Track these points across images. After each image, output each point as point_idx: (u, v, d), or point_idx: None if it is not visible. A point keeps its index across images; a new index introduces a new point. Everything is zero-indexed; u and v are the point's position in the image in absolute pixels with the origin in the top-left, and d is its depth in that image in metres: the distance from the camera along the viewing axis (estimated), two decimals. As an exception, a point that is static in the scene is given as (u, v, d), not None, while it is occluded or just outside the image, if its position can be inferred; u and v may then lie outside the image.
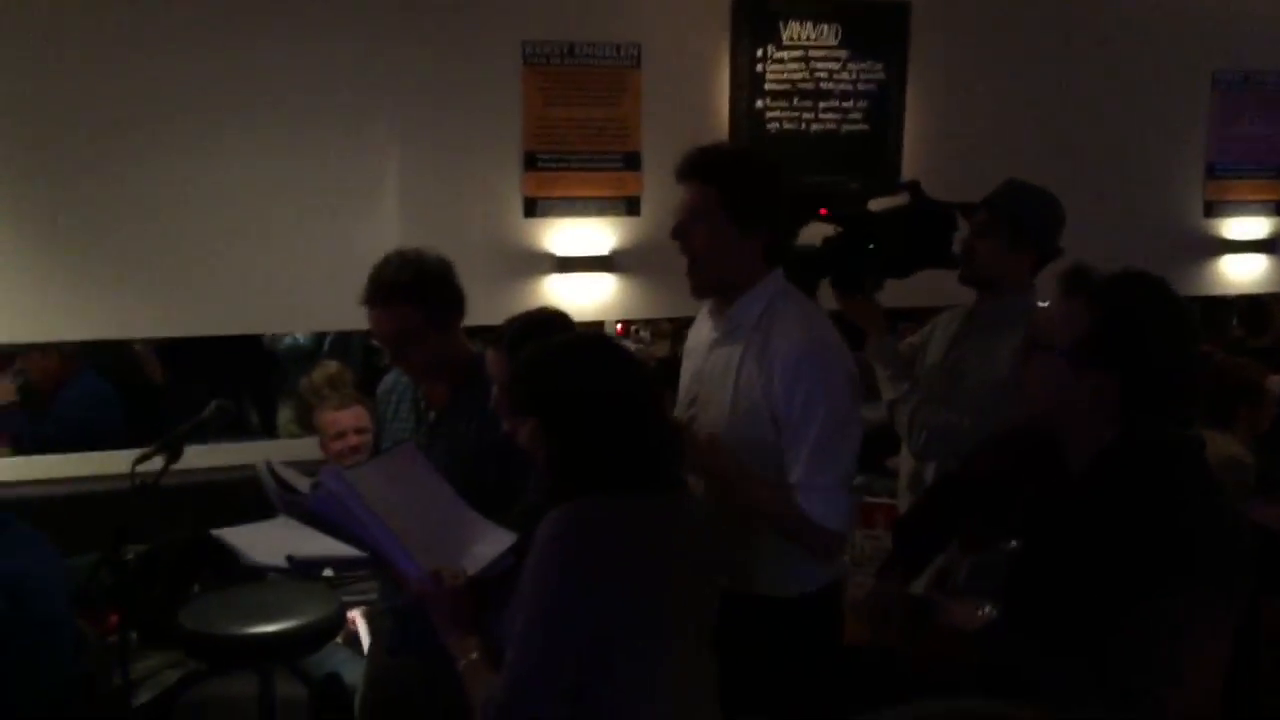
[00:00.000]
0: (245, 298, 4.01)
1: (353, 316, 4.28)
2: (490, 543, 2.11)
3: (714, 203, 2.29)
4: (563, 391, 1.88)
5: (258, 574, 3.61)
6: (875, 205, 2.83)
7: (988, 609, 1.68)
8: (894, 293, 2.87)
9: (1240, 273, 5.14)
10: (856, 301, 2.78)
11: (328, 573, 3.63)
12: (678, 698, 1.85)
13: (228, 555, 2.67)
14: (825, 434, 2.18)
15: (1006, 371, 2.68)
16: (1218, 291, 5.22)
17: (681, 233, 2.33)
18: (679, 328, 6.59)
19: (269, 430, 5.46)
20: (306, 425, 5.22)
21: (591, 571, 1.76)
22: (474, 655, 1.90)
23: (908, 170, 4.51)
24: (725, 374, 2.30)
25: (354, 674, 3.44)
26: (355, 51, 3.98)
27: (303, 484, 2.24)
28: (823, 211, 2.71)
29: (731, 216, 2.28)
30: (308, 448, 4.23)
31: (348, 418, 3.79)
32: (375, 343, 2.59)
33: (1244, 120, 5.04)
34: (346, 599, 3.39)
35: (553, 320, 2.40)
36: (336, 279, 4.04)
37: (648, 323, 5.97)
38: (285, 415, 5.59)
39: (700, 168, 2.33)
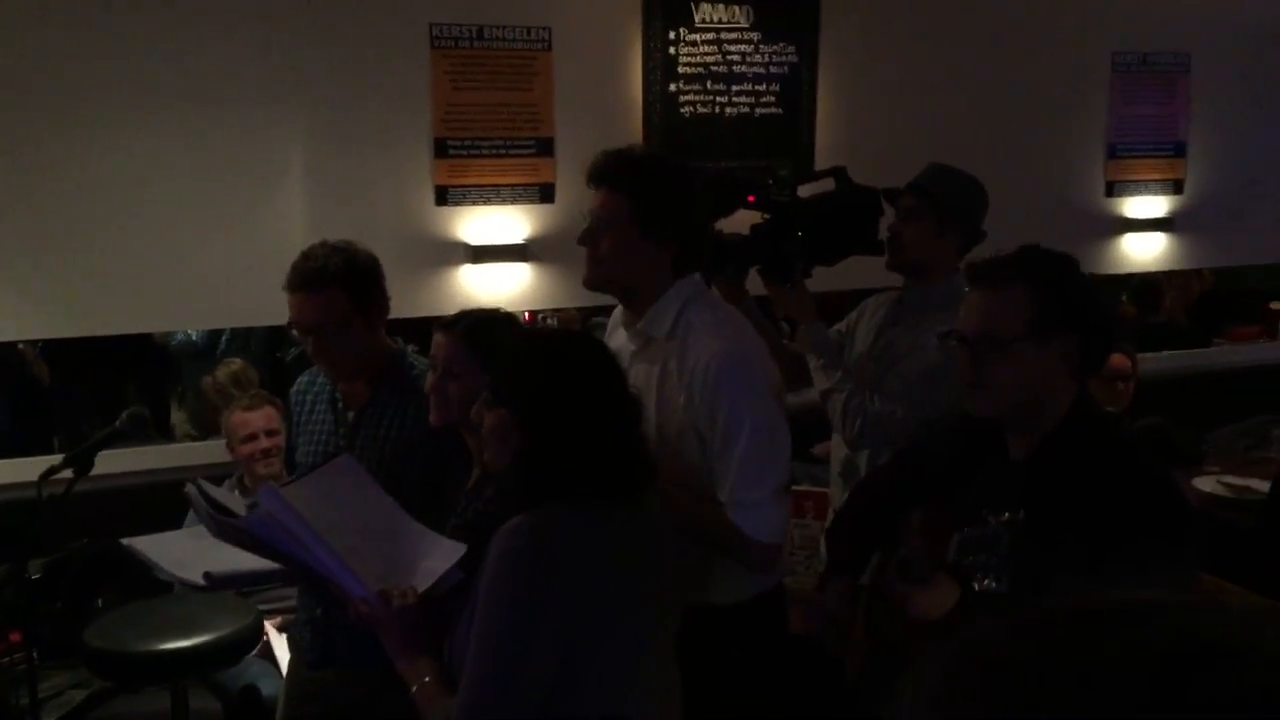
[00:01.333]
0: (140, 295, 3.82)
1: (254, 312, 4.19)
2: (438, 557, 2.02)
3: (623, 212, 2.21)
4: (549, 385, 1.79)
5: (165, 585, 3.49)
6: (802, 192, 2.80)
7: (988, 582, 1.67)
8: (821, 279, 2.85)
9: (1140, 251, 5.26)
10: (786, 289, 2.74)
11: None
12: (646, 716, 1.79)
13: (132, 567, 2.55)
14: (752, 448, 2.14)
15: (937, 358, 2.68)
16: (1119, 270, 5.33)
17: (588, 239, 2.26)
18: (587, 316, 6.53)
19: (163, 432, 5.26)
20: (204, 426, 5.05)
21: (556, 588, 1.68)
22: (427, 679, 1.80)
23: (820, 153, 4.50)
24: (646, 392, 2.22)
25: (273, 686, 3.31)
26: (257, 35, 3.81)
27: (235, 503, 2.13)
28: (750, 199, 2.66)
29: (640, 228, 2.21)
30: (210, 451, 4.07)
31: (259, 419, 3.64)
32: (294, 332, 2.46)
33: (1141, 101, 5.13)
34: (263, 608, 3.26)
35: (509, 320, 2.33)
36: (237, 273, 3.90)
37: (555, 311, 5.88)
38: (180, 416, 5.39)
39: (610, 174, 2.26)
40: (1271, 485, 3.47)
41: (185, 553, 2.20)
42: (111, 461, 3.66)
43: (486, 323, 2.31)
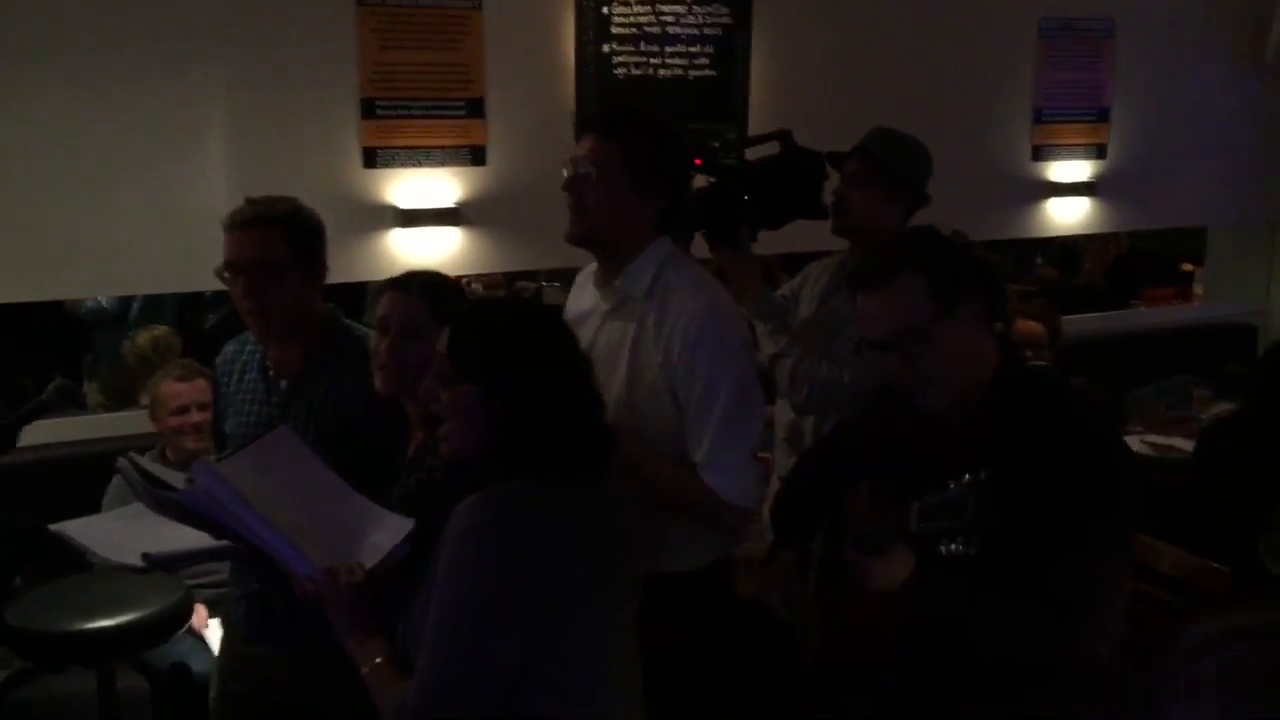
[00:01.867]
0: (51, 260, 3.66)
1: (172, 278, 4.04)
2: (385, 531, 1.95)
3: (616, 160, 2.17)
4: (519, 359, 1.72)
5: (87, 564, 3.37)
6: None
7: (954, 547, 1.66)
8: (765, 242, 2.82)
9: (1064, 215, 5.32)
10: (732, 254, 2.71)
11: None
12: (612, 695, 1.75)
13: (54, 545, 2.44)
14: (730, 409, 2.12)
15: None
16: (1044, 233, 5.40)
17: (576, 186, 2.20)
18: (511, 280, 6.44)
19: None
20: (117, 397, 4.87)
21: (522, 568, 1.62)
22: (378, 660, 1.73)
23: (754, 117, 4.47)
24: (618, 351, 2.20)
25: (203, 664, 3.22)
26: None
27: (173, 478, 2.04)
28: (697, 162, 2.62)
29: (632, 178, 2.18)
30: (127, 422, 3.93)
31: (190, 391, 3.51)
32: (224, 275, 2.35)
33: (1067, 66, 5.18)
34: (191, 583, 3.16)
35: (457, 285, 2.25)
36: (155, 238, 3.76)
37: (479, 276, 5.78)
38: (92, 387, 5.20)
39: (606, 123, 2.23)
40: (1196, 444, 3.54)
41: (117, 534, 2.11)
42: (26, 434, 3.54)
43: (442, 283, 2.24)
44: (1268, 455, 3.05)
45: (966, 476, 1.67)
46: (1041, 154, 5.22)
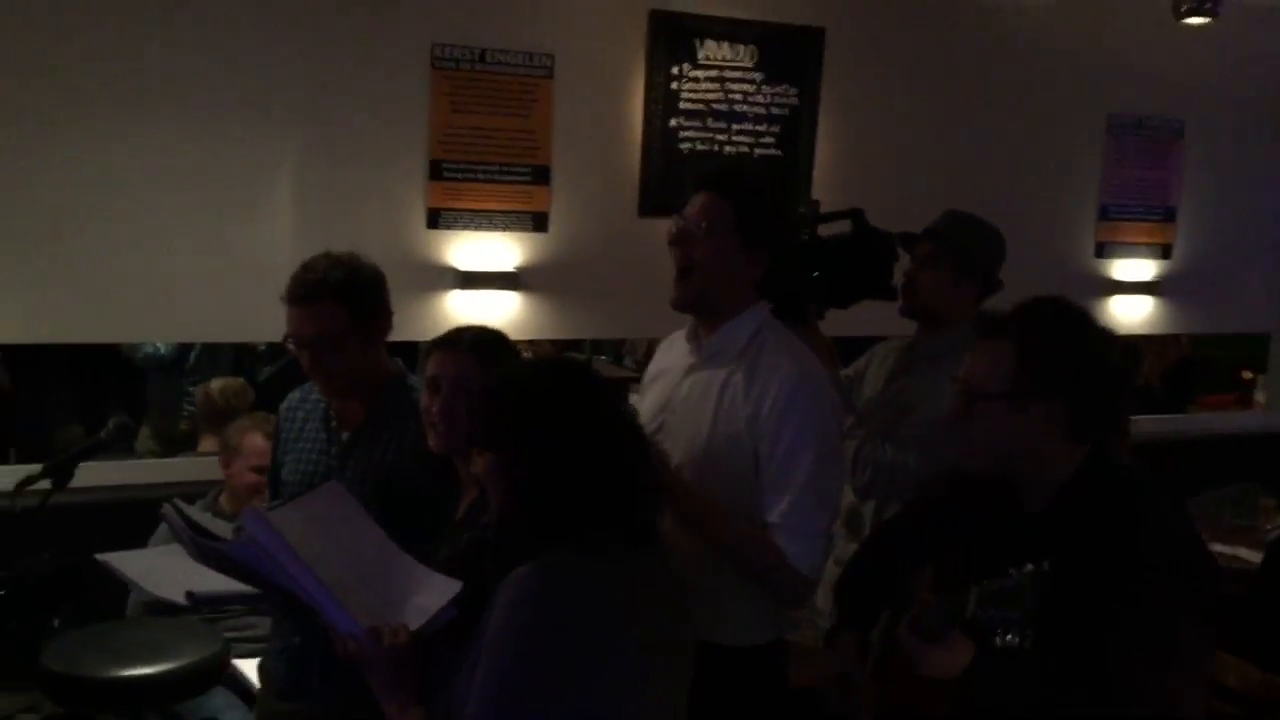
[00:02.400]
0: (113, 304, 3.69)
1: (232, 328, 4.06)
2: (431, 593, 1.90)
3: (728, 219, 2.17)
4: (527, 421, 1.67)
5: (123, 609, 3.33)
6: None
7: (1010, 638, 1.58)
8: (832, 323, 2.77)
9: (1127, 313, 5.25)
10: (800, 331, 2.66)
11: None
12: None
13: (93, 587, 2.41)
14: (813, 475, 2.07)
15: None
16: (1106, 331, 5.31)
17: (684, 240, 2.19)
18: (563, 348, 6.42)
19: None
20: (169, 444, 4.88)
21: (573, 641, 1.55)
22: None
23: (817, 196, 4.43)
24: (703, 400, 2.16)
25: (235, 718, 3.17)
26: (252, 43, 3.71)
27: (219, 527, 2.01)
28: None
29: (741, 238, 2.18)
30: (176, 469, 3.93)
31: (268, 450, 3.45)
32: (290, 346, 2.35)
33: (1134, 164, 5.14)
34: (230, 635, 3.12)
35: (506, 341, 2.22)
36: (218, 287, 3.78)
37: (529, 342, 5.77)
38: (144, 432, 5.21)
39: (721, 181, 2.24)
40: (1265, 554, 3.42)
41: (163, 570, 2.08)
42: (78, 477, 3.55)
43: (492, 338, 2.21)
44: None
45: (1029, 566, 1.59)
46: (1105, 251, 5.17)
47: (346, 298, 2.30)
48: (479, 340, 2.18)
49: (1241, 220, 5.39)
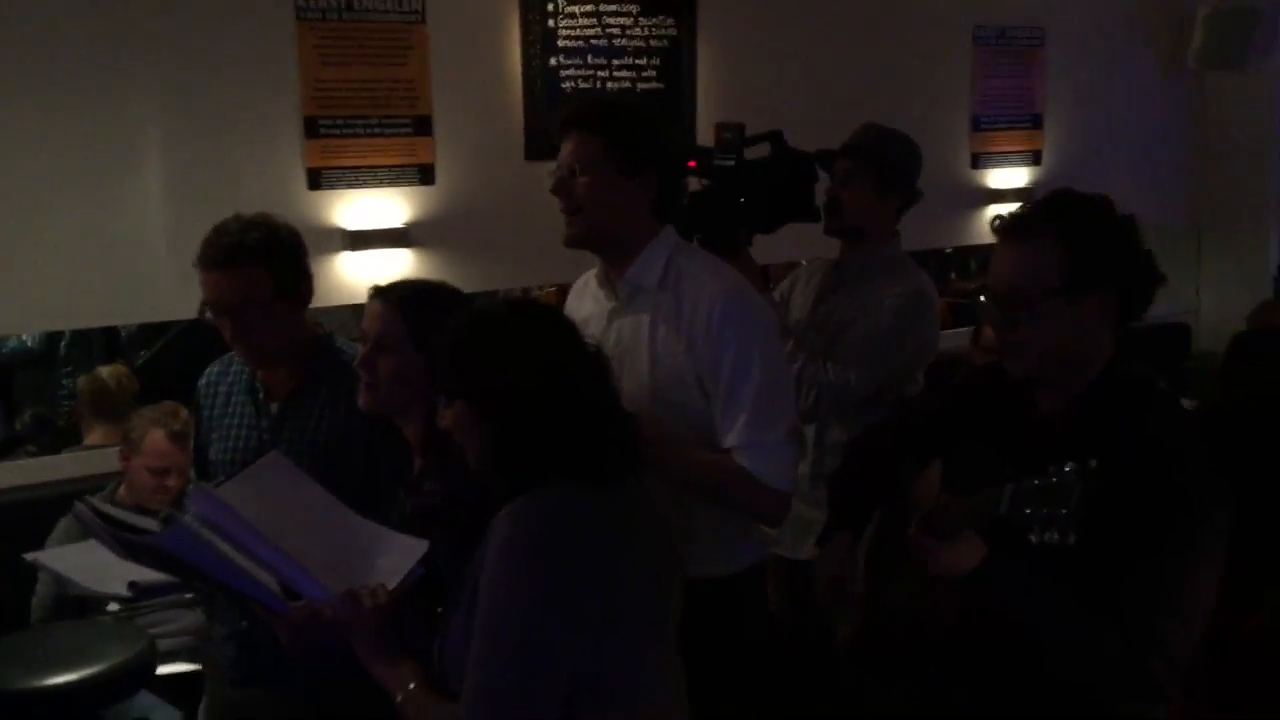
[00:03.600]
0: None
1: (107, 311, 3.81)
2: (398, 554, 1.82)
3: (599, 152, 2.10)
4: (494, 363, 1.60)
5: (24, 619, 3.12)
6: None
7: (1049, 535, 1.55)
8: (760, 251, 2.73)
9: (1004, 221, 5.34)
10: (732, 259, 2.62)
11: (113, 607, 3.19)
12: (659, 710, 1.63)
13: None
14: (764, 386, 2.03)
15: (890, 321, 2.61)
16: (985, 240, 5.41)
17: (563, 187, 2.12)
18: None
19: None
20: (48, 442, 4.60)
21: (574, 574, 1.50)
22: (412, 685, 1.60)
23: (701, 126, 4.40)
24: (635, 343, 2.09)
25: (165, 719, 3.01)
26: (107, 5, 3.44)
27: (140, 522, 1.88)
28: (691, 164, 2.53)
29: (618, 166, 2.10)
30: (59, 466, 3.70)
31: (178, 455, 3.21)
32: (208, 315, 2.20)
33: (1003, 74, 5.23)
34: (153, 631, 2.95)
35: (453, 295, 2.11)
36: (88, 268, 3.54)
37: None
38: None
39: (583, 118, 2.15)
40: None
41: (99, 564, 1.93)
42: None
43: (425, 292, 2.09)
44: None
45: (1070, 465, 1.57)
46: (980, 161, 5.27)
47: (268, 260, 2.17)
48: (411, 293, 2.06)
49: (1104, 121, 5.55)
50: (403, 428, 2.08)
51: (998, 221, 1.85)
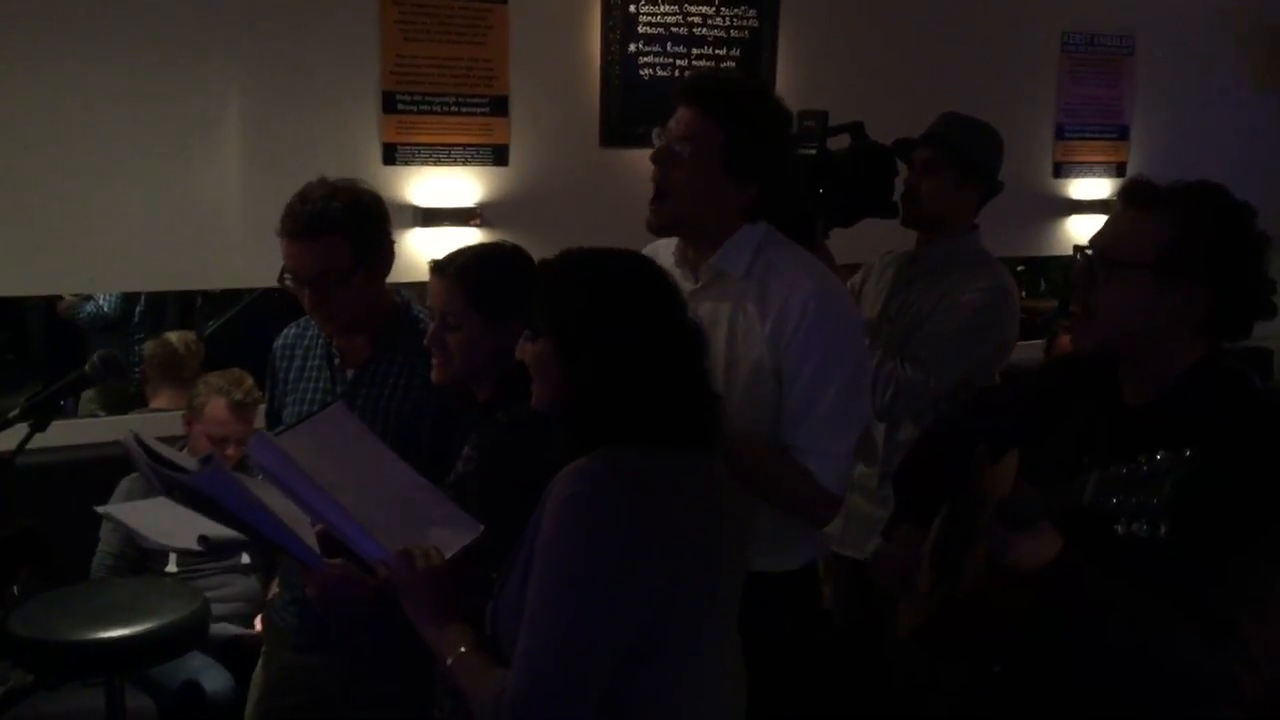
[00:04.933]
0: (53, 253, 3.47)
1: (182, 276, 3.85)
2: (452, 527, 1.78)
3: (714, 144, 1.98)
4: (590, 305, 1.55)
5: (85, 572, 3.15)
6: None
7: (1137, 526, 1.48)
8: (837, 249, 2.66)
9: (1085, 233, 5.22)
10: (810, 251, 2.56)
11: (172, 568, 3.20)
12: (719, 684, 1.59)
13: (51, 551, 2.25)
14: (842, 398, 1.97)
15: (969, 318, 2.54)
16: (1066, 251, 5.30)
17: (664, 160, 2.02)
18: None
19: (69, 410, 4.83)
20: (115, 407, 4.65)
21: (635, 540, 1.45)
22: (463, 649, 1.56)
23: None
24: (713, 330, 2.00)
25: (215, 682, 3.02)
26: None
27: (184, 460, 1.87)
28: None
29: (726, 166, 1.99)
30: (145, 426, 3.72)
31: (239, 426, 3.24)
32: (287, 283, 2.18)
33: (1089, 82, 5.11)
34: (209, 594, 2.96)
35: (515, 252, 2.08)
36: (163, 233, 3.58)
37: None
38: (87, 394, 4.97)
39: (710, 98, 2.01)
40: None
41: (168, 519, 1.92)
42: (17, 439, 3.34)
43: (484, 258, 2.04)
44: None
45: (1162, 453, 1.49)
46: (1063, 171, 5.16)
47: (349, 231, 2.13)
48: (468, 263, 2.01)
49: (1193, 135, 5.40)
50: (476, 391, 2.05)
51: (1127, 183, 1.76)
